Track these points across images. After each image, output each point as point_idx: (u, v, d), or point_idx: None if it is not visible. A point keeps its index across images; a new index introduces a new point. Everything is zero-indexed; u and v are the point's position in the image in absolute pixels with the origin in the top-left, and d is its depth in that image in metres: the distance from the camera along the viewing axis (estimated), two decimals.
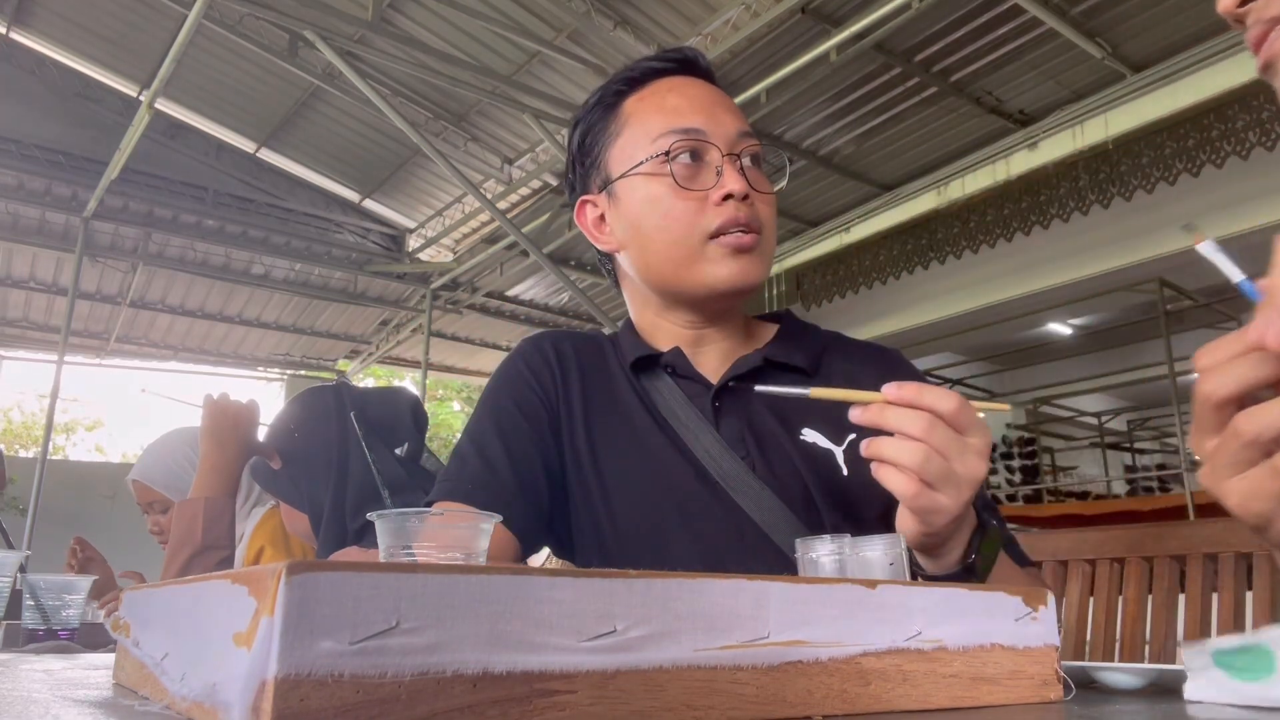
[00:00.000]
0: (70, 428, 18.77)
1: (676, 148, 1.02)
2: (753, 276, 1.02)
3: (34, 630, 1.13)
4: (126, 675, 0.52)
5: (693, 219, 1.01)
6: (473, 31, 5.54)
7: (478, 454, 1.01)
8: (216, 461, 1.71)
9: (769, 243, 1.04)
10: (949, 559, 0.77)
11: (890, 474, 0.71)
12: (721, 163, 1.01)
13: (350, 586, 0.33)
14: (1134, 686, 0.55)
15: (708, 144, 1.02)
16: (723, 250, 1.00)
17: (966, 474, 0.71)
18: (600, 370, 1.09)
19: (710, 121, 1.04)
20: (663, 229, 1.02)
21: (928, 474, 0.70)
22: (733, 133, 1.04)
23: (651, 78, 1.10)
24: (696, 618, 0.40)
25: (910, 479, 0.70)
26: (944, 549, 0.76)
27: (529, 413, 1.05)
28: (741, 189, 1.00)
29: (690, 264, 1.02)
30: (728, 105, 1.08)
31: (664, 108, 1.06)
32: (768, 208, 1.04)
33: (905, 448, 0.70)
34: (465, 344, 9.59)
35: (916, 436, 0.70)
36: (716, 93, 1.09)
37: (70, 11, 6.07)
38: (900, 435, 0.71)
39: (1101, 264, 6.09)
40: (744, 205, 1.00)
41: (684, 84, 1.09)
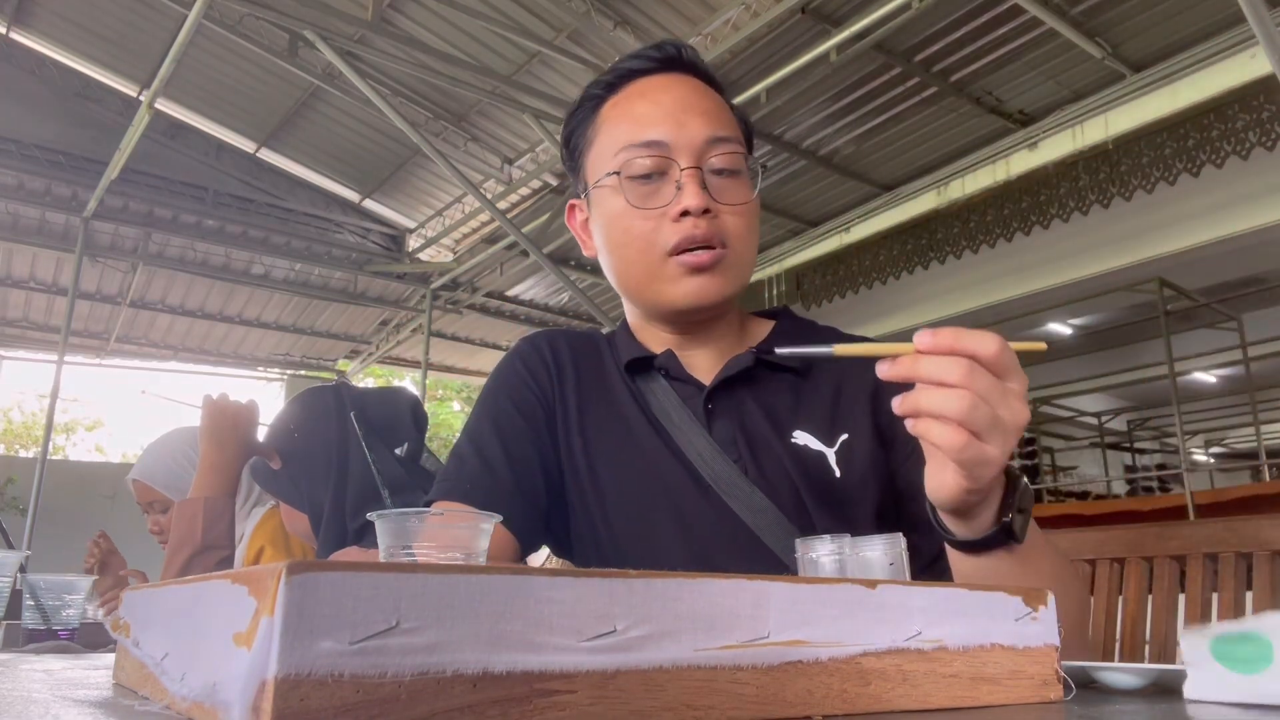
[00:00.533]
0: (70, 428, 18.77)
1: (635, 164, 0.98)
2: (713, 295, 0.98)
3: (34, 630, 1.13)
4: (126, 675, 0.52)
5: (650, 236, 0.98)
6: (473, 31, 5.54)
7: (476, 454, 1.01)
8: (216, 461, 1.71)
9: (738, 255, 1.00)
10: (984, 519, 0.73)
11: (932, 427, 0.66)
12: (682, 176, 0.97)
13: (350, 586, 0.33)
14: (1134, 686, 0.55)
15: (666, 159, 0.98)
16: (680, 269, 0.97)
17: (1012, 420, 0.66)
18: (596, 370, 1.09)
19: (675, 130, 0.98)
20: (623, 245, 1.00)
21: (974, 423, 0.65)
22: (699, 141, 0.98)
23: (630, 79, 1.05)
24: (696, 617, 0.40)
25: (957, 430, 0.65)
26: (980, 508, 0.72)
27: (526, 412, 1.05)
28: (698, 204, 0.95)
29: (651, 282, 1.00)
30: (702, 108, 1.01)
31: (630, 116, 1.02)
32: (739, 218, 1.00)
33: (948, 397, 0.65)
34: (465, 344, 9.59)
35: (957, 384, 0.65)
36: (693, 93, 1.03)
37: (70, 11, 6.07)
38: (939, 386, 0.65)
39: (1101, 264, 6.09)
40: (703, 221, 0.96)
41: (659, 85, 1.04)
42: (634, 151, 0.98)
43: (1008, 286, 6.73)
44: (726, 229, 0.98)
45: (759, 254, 7.53)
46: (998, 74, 5.32)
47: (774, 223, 7.00)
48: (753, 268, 1.05)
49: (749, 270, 1.03)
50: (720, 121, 1.01)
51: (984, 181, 5.87)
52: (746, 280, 1.04)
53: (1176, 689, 0.50)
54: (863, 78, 5.36)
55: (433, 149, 5.70)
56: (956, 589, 0.49)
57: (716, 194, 0.98)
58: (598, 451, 1.03)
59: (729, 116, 1.05)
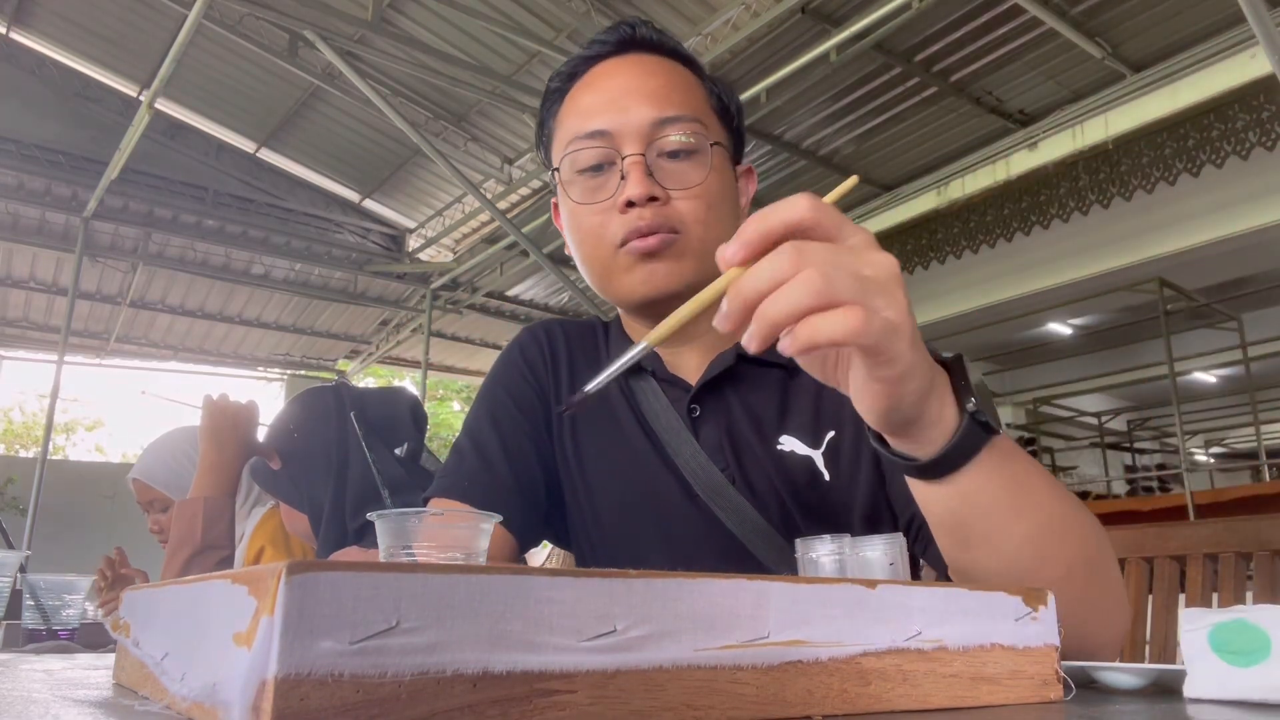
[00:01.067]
0: (70, 428, 18.78)
1: (579, 157, 0.95)
2: (666, 281, 0.93)
3: (34, 630, 1.13)
4: (126, 675, 0.52)
5: (600, 231, 0.94)
6: (473, 31, 5.54)
7: (475, 450, 1.01)
8: (216, 461, 1.71)
9: (695, 240, 0.93)
10: (943, 421, 0.61)
11: (813, 329, 0.53)
12: (624, 165, 0.92)
13: (350, 586, 0.33)
14: (1134, 686, 0.55)
15: (609, 148, 0.93)
16: (630, 258, 0.93)
17: (878, 272, 0.55)
18: (592, 365, 1.07)
19: (618, 118, 0.94)
20: (579, 242, 0.98)
21: (840, 292, 0.53)
22: (644, 124, 0.93)
23: (588, 66, 1.01)
24: (696, 617, 0.40)
25: (834, 313, 0.53)
26: (926, 404, 0.60)
27: (524, 407, 1.05)
28: (639, 193, 0.91)
29: (608, 276, 0.96)
30: (648, 89, 0.95)
31: (576, 109, 0.98)
32: (694, 201, 0.93)
33: (793, 288, 0.52)
34: (465, 344, 9.60)
35: (794, 269, 0.53)
36: (641, 74, 0.97)
37: (70, 11, 6.07)
38: (782, 287, 0.53)
39: (1101, 264, 6.09)
40: (648, 210, 0.91)
41: (608, 71, 0.99)
42: (578, 144, 0.95)
43: (1008, 286, 6.73)
44: (678, 214, 0.93)
45: None
46: (998, 74, 5.32)
47: None
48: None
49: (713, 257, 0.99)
50: (671, 100, 0.95)
51: (984, 181, 5.87)
52: (710, 268, 0.96)
53: (1176, 689, 0.50)
54: (863, 78, 5.36)
55: (433, 149, 5.70)
56: (956, 589, 0.49)
57: (666, 178, 0.93)
58: (588, 452, 1.03)
59: (687, 94, 0.98)
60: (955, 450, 0.61)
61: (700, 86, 1.01)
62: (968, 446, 0.62)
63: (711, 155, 0.95)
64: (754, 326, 0.53)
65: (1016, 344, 9.57)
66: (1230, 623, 0.47)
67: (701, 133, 0.95)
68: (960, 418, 0.62)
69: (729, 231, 0.97)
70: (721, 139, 0.98)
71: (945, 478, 0.63)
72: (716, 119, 1.00)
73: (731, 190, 0.99)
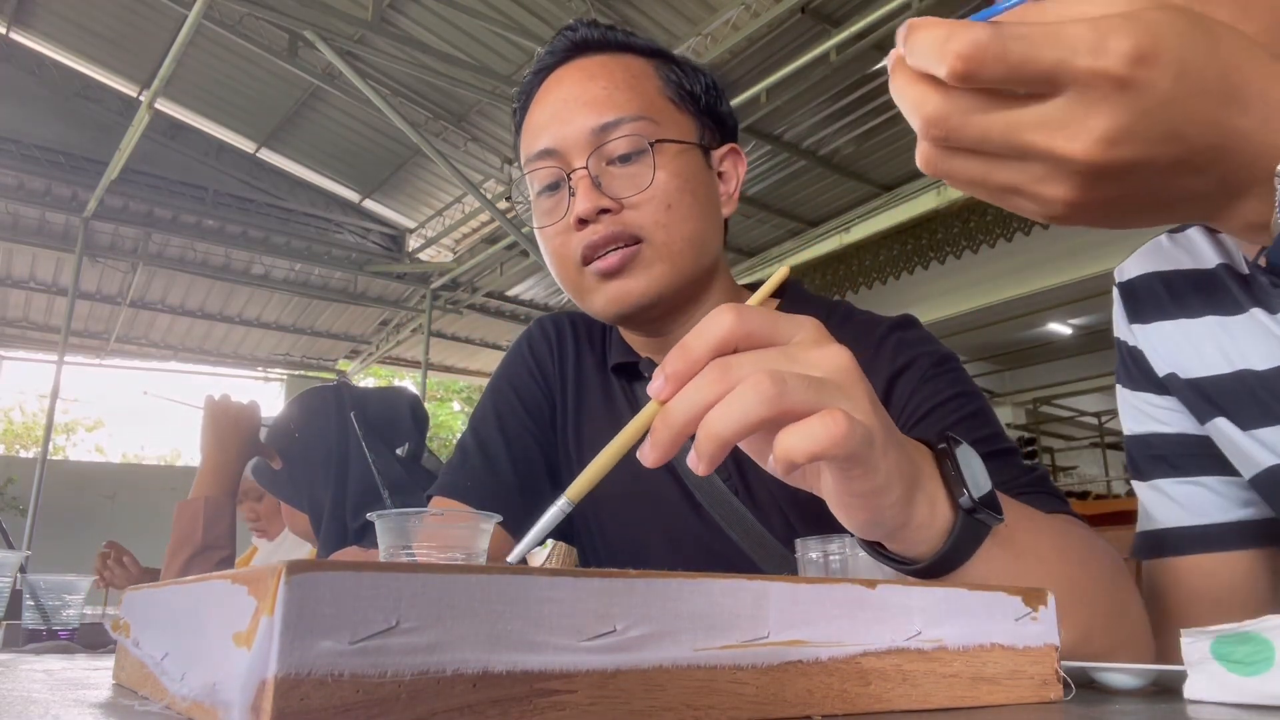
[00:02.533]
0: (70, 428, 18.78)
1: (535, 179, 0.93)
2: (633, 298, 0.90)
3: (34, 630, 1.13)
4: (126, 675, 0.52)
5: (562, 251, 0.92)
6: (473, 31, 5.55)
7: (479, 449, 1.01)
8: (217, 462, 1.72)
9: (661, 245, 0.89)
10: (936, 522, 0.55)
11: (787, 444, 0.47)
12: (570, 182, 0.90)
13: (350, 586, 0.33)
14: (1134, 686, 0.55)
15: (557, 167, 0.91)
16: (595, 278, 0.90)
17: (832, 372, 0.49)
18: (598, 364, 1.06)
19: (561, 131, 0.91)
20: (550, 263, 0.96)
21: (795, 391, 0.46)
22: (584, 135, 0.89)
23: (539, 81, 0.97)
24: (696, 617, 0.40)
25: (817, 421, 0.46)
26: (913, 514, 0.54)
27: (530, 405, 1.04)
28: (586, 210, 0.87)
29: (579, 295, 0.94)
30: (588, 96, 0.91)
31: (530, 128, 0.95)
32: (650, 203, 0.89)
33: (745, 392, 0.46)
34: (465, 344, 9.60)
35: (724, 384, 0.47)
36: (582, 80, 0.93)
37: (70, 11, 6.07)
38: (729, 395, 0.47)
39: (1101, 264, 6.09)
40: (600, 224, 0.88)
41: (554, 83, 0.95)
42: (531, 165, 0.93)
43: (1008, 286, 6.73)
44: (634, 221, 0.89)
45: (757, 254, 7.53)
46: None
47: (774, 223, 7.00)
48: (699, 247, 0.92)
49: (689, 254, 0.91)
50: (614, 102, 0.90)
51: None
52: (688, 267, 0.91)
53: (1176, 689, 0.50)
54: (863, 78, 5.36)
55: (433, 149, 5.71)
56: (956, 589, 0.49)
57: (615, 185, 0.89)
58: (591, 455, 1.02)
59: (634, 91, 0.92)
60: (952, 552, 0.56)
61: (654, 76, 0.95)
62: (965, 546, 0.56)
63: (655, 154, 0.90)
64: (700, 445, 0.47)
65: (1016, 344, 9.57)
66: (1233, 634, 0.47)
67: (647, 131, 0.90)
68: (955, 514, 0.55)
69: (702, 224, 0.92)
70: (678, 130, 0.93)
71: (945, 576, 0.58)
72: (675, 108, 0.94)
73: (699, 180, 0.93)
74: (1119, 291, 0.88)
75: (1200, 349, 0.79)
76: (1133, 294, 0.86)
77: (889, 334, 0.92)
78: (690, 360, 0.49)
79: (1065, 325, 9.36)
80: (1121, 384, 0.89)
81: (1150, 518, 0.86)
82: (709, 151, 0.97)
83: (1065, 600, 0.55)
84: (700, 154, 0.95)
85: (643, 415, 0.51)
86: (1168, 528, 0.84)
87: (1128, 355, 0.87)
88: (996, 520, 0.56)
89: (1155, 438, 0.85)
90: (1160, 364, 0.83)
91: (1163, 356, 0.83)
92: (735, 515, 0.93)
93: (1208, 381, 0.78)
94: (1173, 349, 0.81)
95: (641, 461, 0.50)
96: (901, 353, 0.89)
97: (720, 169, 0.98)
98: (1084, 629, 0.63)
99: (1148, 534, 0.86)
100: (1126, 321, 0.87)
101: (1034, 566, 0.60)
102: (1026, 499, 0.72)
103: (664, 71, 0.96)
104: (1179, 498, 0.83)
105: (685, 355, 0.49)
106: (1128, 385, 0.88)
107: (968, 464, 0.57)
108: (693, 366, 0.49)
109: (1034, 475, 0.80)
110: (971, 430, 0.82)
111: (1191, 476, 0.83)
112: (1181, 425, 0.83)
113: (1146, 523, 0.86)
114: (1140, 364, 0.86)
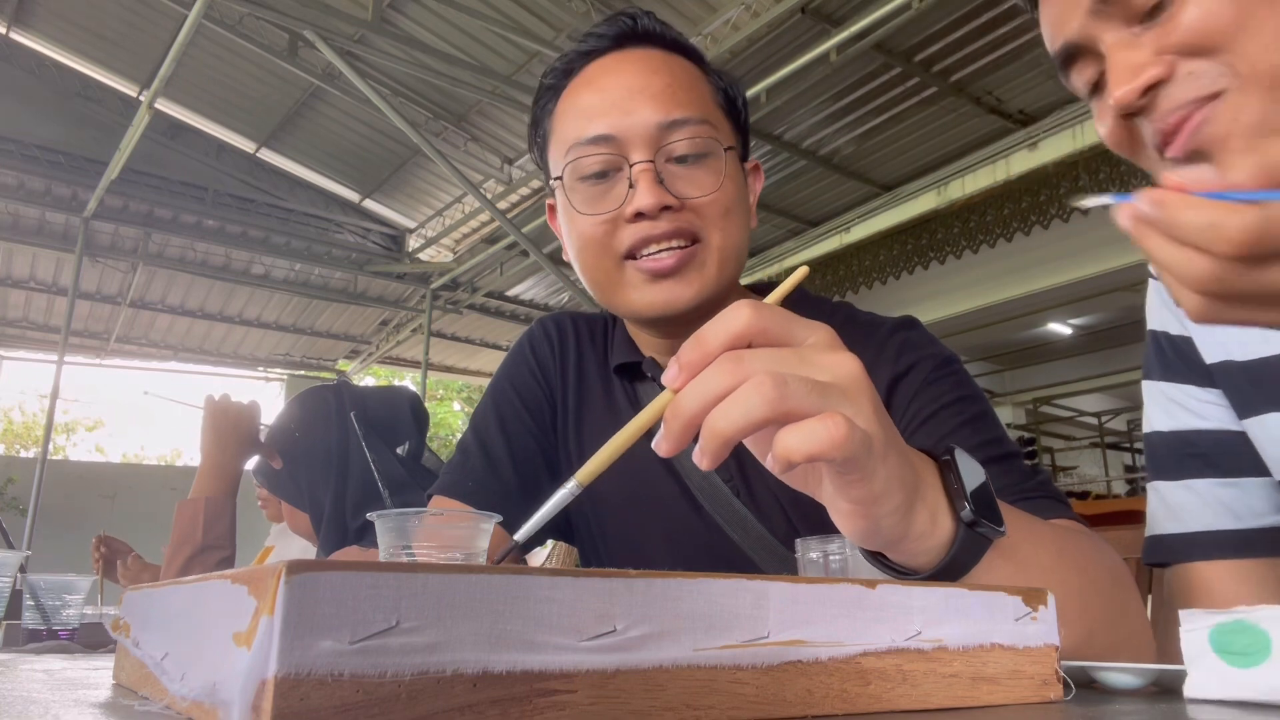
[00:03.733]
0: (70, 428, 18.79)
1: (583, 164, 0.89)
2: (684, 301, 0.88)
3: (34, 630, 1.13)
4: (126, 675, 0.52)
5: (605, 240, 0.89)
6: (473, 31, 5.55)
7: (480, 450, 1.01)
8: (217, 461, 1.71)
9: (715, 250, 0.89)
10: (937, 533, 0.55)
11: (786, 443, 0.47)
12: (633, 173, 0.87)
13: (350, 586, 0.33)
14: (1134, 686, 0.55)
15: (616, 155, 0.88)
16: (641, 275, 0.88)
17: (840, 378, 0.50)
18: (600, 365, 1.06)
19: (623, 120, 0.88)
20: (580, 250, 0.92)
21: (797, 395, 0.47)
22: (650, 128, 0.87)
23: (586, 61, 0.94)
24: (696, 617, 0.40)
25: (818, 423, 0.47)
26: (913, 524, 0.54)
27: (531, 406, 1.04)
28: (651, 204, 0.85)
29: (613, 289, 0.91)
30: (654, 89, 0.89)
31: (576, 109, 0.92)
32: (713, 207, 0.88)
33: (747, 393, 0.47)
34: (465, 344, 9.60)
35: (735, 378, 0.47)
36: (645, 71, 0.91)
37: (70, 11, 6.07)
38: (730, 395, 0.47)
39: (1101, 264, 6.09)
40: (662, 220, 0.86)
41: (609, 68, 0.92)
42: (580, 150, 0.89)
43: (1008, 286, 6.73)
44: (696, 221, 0.88)
45: (757, 254, 7.53)
46: (998, 74, 5.32)
47: (774, 223, 7.01)
48: (740, 258, 0.92)
49: (733, 263, 0.91)
50: (679, 101, 0.89)
51: (984, 181, 5.87)
52: (731, 275, 0.91)
53: (1176, 688, 0.50)
54: (863, 78, 5.36)
55: (433, 149, 5.71)
56: (956, 589, 0.49)
57: (677, 184, 0.88)
58: (590, 455, 1.02)
59: (694, 92, 0.92)
60: (954, 563, 0.56)
61: (706, 83, 0.95)
62: (967, 557, 0.56)
63: (725, 160, 0.90)
64: (703, 442, 0.48)
65: (1016, 344, 9.57)
66: (1230, 623, 0.47)
67: (712, 135, 0.90)
68: (956, 526, 0.55)
69: (745, 235, 0.93)
70: (732, 139, 0.93)
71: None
72: (724, 117, 0.94)
73: (744, 192, 0.94)
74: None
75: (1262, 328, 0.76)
76: None
77: (891, 335, 0.92)
78: (704, 352, 0.49)
79: (1065, 325, 9.36)
80: (1154, 378, 0.86)
81: (1179, 519, 0.82)
82: (743, 164, 0.97)
83: (1066, 607, 0.55)
84: (741, 165, 0.96)
85: (655, 404, 0.52)
86: (1199, 530, 0.80)
87: (1168, 345, 0.84)
88: (998, 533, 0.56)
89: (1194, 434, 0.82)
90: (1212, 350, 0.80)
91: (1217, 340, 0.79)
92: (736, 516, 0.92)
93: (1268, 363, 0.75)
94: (1229, 330, 0.78)
95: (656, 451, 0.51)
96: (904, 355, 0.89)
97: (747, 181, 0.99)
98: (1085, 635, 0.63)
99: (1174, 536, 0.82)
100: (1172, 305, 0.83)
101: (1035, 575, 0.60)
102: (1029, 504, 0.73)
103: (713, 79, 0.96)
104: (1215, 499, 0.80)
105: (700, 346, 0.50)
106: (1163, 378, 0.85)
107: (970, 476, 0.56)
108: (706, 358, 0.49)
109: (1036, 480, 0.80)
110: (974, 434, 0.82)
111: (1229, 477, 0.80)
112: (1221, 421, 0.81)
113: (1172, 524, 0.83)
114: (1184, 353, 0.82)
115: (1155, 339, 0.86)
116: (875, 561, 0.59)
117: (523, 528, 0.55)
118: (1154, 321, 0.86)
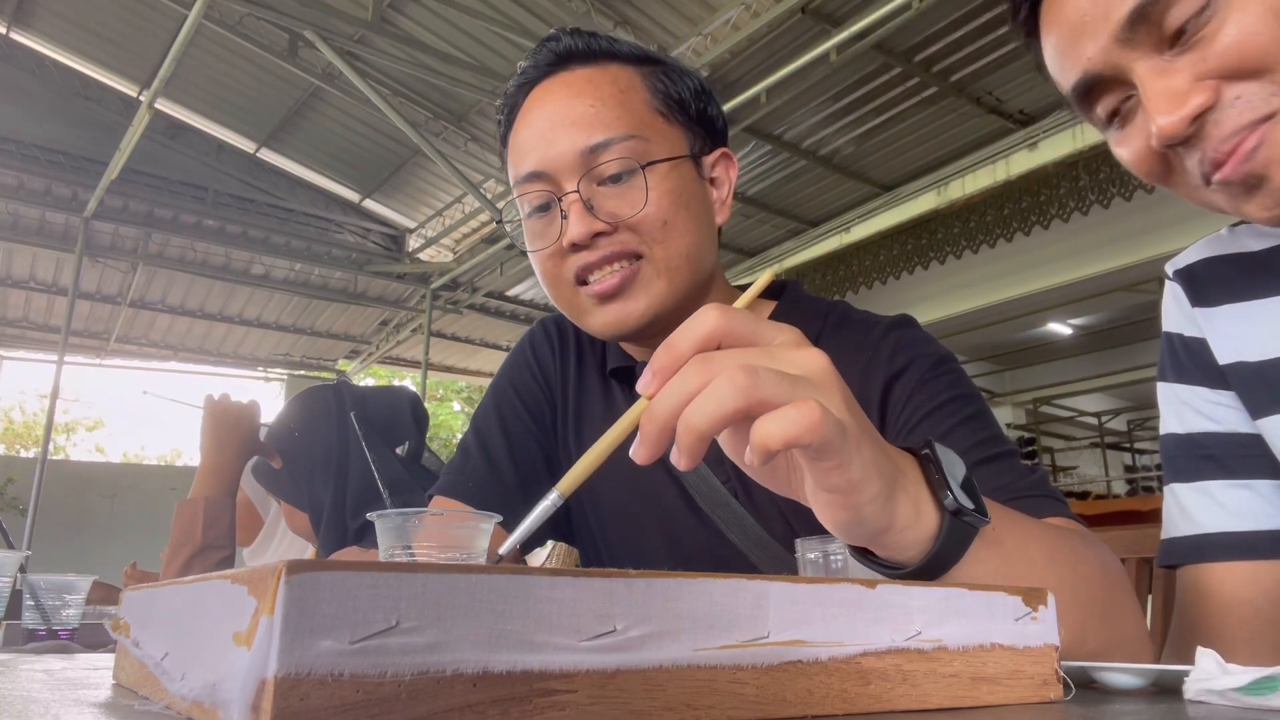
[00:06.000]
0: (71, 428, 18.80)
1: (525, 202, 0.92)
2: (633, 320, 0.89)
3: (34, 630, 1.13)
4: (126, 675, 0.52)
5: (556, 271, 0.91)
6: (473, 31, 5.55)
7: (480, 450, 1.01)
8: (217, 461, 1.71)
9: (659, 262, 0.89)
10: (921, 524, 0.54)
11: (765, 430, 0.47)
12: (563, 205, 0.88)
13: (350, 586, 0.33)
14: (1134, 686, 0.55)
15: (547, 190, 0.90)
16: (591, 300, 0.90)
17: (810, 371, 0.51)
18: (599, 365, 1.06)
19: (549, 152, 0.89)
20: (542, 281, 0.95)
21: (769, 386, 0.47)
22: (575, 155, 0.88)
23: (524, 95, 0.95)
24: (696, 617, 0.40)
25: (792, 408, 0.47)
26: (895, 516, 0.54)
27: (532, 406, 1.04)
28: (581, 234, 0.86)
29: (575, 313, 0.94)
30: (574, 115, 0.89)
31: (515, 146, 0.94)
32: (648, 222, 0.88)
33: (720, 386, 0.47)
34: (465, 344, 9.60)
35: (705, 377, 0.48)
36: (567, 98, 0.91)
37: (70, 11, 6.07)
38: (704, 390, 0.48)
39: (1101, 264, 6.10)
40: (599, 245, 0.88)
41: (539, 98, 0.93)
42: (521, 188, 0.92)
43: (1008, 286, 6.73)
44: (632, 240, 0.88)
45: (758, 253, 7.53)
46: (998, 74, 5.32)
47: (774, 223, 7.00)
48: (695, 261, 0.91)
49: (686, 270, 0.90)
50: (602, 121, 0.89)
51: (984, 181, 5.87)
52: (686, 281, 0.91)
53: (1176, 689, 0.50)
54: (863, 78, 5.36)
55: (433, 149, 5.71)
56: (956, 589, 0.49)
57: (609, 206, 0.88)
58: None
59: (622, 107, 0.90)
60: (939, 556, 0.55)
61: (641, 88, 0.93)
62: (952, 549, 0.56)
63: (659, 171, 0.89)
64: (680, 439, 0.48)
65: (1016, 344, 9.57)
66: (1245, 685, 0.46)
67: (637, 150, 0.88)
68: (940, 517, 0.55)
69: (698, 237, 0.91)
70: (669, 144, 0.91)
71: (934, 580, 0.57)
72: (664, 120, 0.92)
73: (692, 193, 0.92)
74: (1177, 279, 0.84)
75: (1276, 328, 0.76)
76: (1194, 279, 0.83)
77: (887, 334, 0.92)
78: (675, 356, 0.50)
79: (1065, 325, 9.36)
80: (1168, 380, 0.85)
81: (1192, 520, 0.82)
82: (700, 160, 0.95)
83: (1058, 603, 0.54)
84: (692, 165, 0.94)
85: (631, 412, 0.53)
86: (1211, 532, 0.80)
87: (1182, 348, 0.84)
88: (982, 521, 0.56)
89: (1206, 436, 0.82)
90: (1225, 351, 0.80)
91: (1231, 340, 0.79)
92: (735, 517, 0.93)
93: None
94: (1244, 331, 0.78)
95: (634, 459, 0.51)
96: (900, 354, 0.89)
97: (712, 175, 0.97)
98: (1077, 630, 0.63)
99: (1186, 538, 0.82)
100: (1188, 307, 0.83)
101: (1024, 568, 0.60)
102: (1026, 502, 0.73)
103: (651, 81, 0.94)
104: (1227, 501, 0.80)
105: (670, 352, 0.51)
106: (1177, 380, 0.84)
107: (951, 467, 0.57)
108: (677, 362, 0.50)
109: (1033, 478, 0.80)
110: (970, 434, 0.82)
111: (1242, 479, 0.80)
112: (1234, 423, 0.80)
113: (1186, 526, 0.82)
114: (1198, 355, 0.82)
115: (1169, 341, 0.86)
116: (862, 558, 0.59)
117: (506, 540, 0.56)
118: (1168, 323, 0.86)
